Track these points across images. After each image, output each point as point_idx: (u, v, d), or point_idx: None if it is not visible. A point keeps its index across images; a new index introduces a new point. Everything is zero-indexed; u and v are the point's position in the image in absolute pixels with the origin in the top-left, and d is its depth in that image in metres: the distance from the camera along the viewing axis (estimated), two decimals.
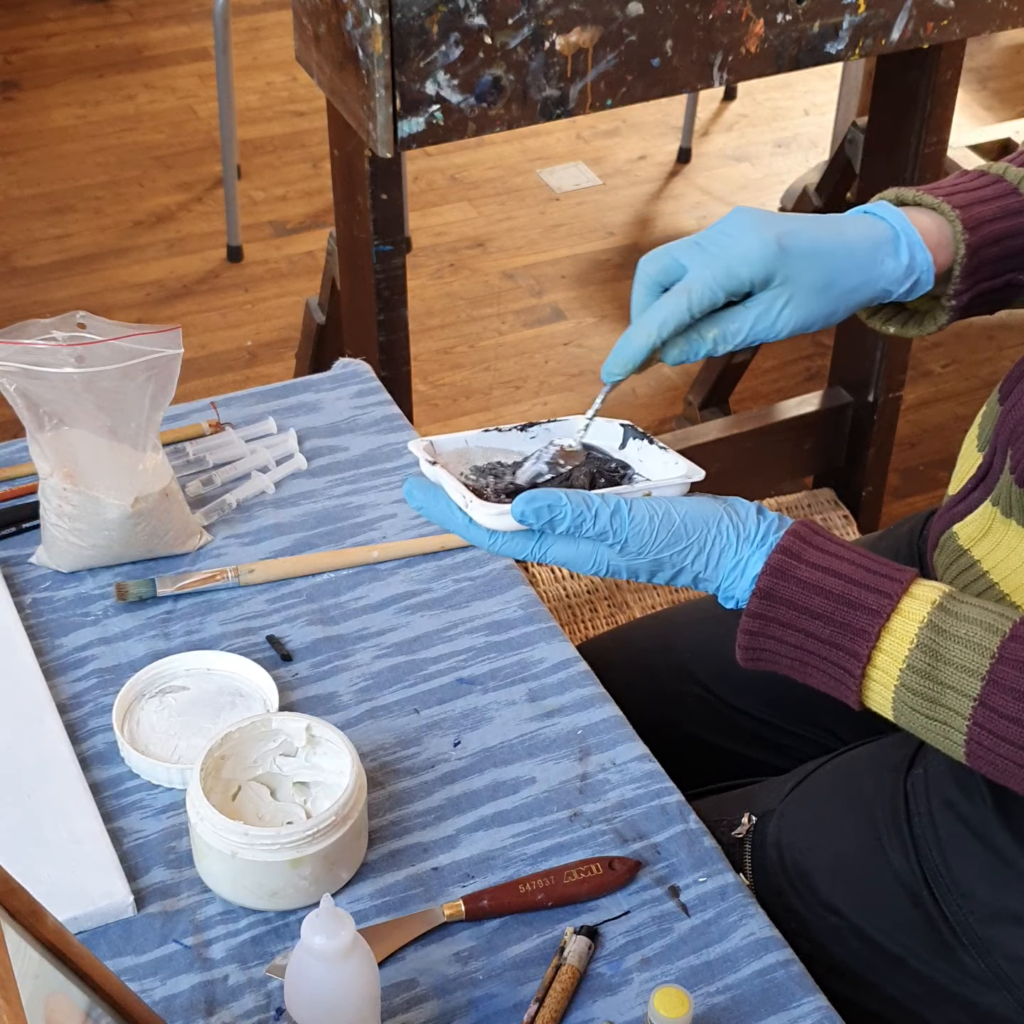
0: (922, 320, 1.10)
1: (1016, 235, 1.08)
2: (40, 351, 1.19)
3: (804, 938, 1.11)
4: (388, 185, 1.72)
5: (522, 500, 0.91)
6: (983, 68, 3.89)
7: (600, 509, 0.92)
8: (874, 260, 1.02)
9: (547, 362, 2.89)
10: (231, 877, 1.04)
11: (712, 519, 0.94)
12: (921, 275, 1.04)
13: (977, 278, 1.07)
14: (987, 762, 0.91)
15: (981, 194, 1.08)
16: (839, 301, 1.01)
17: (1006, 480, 1.04)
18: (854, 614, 0.92)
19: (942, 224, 1.05)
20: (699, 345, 0.99)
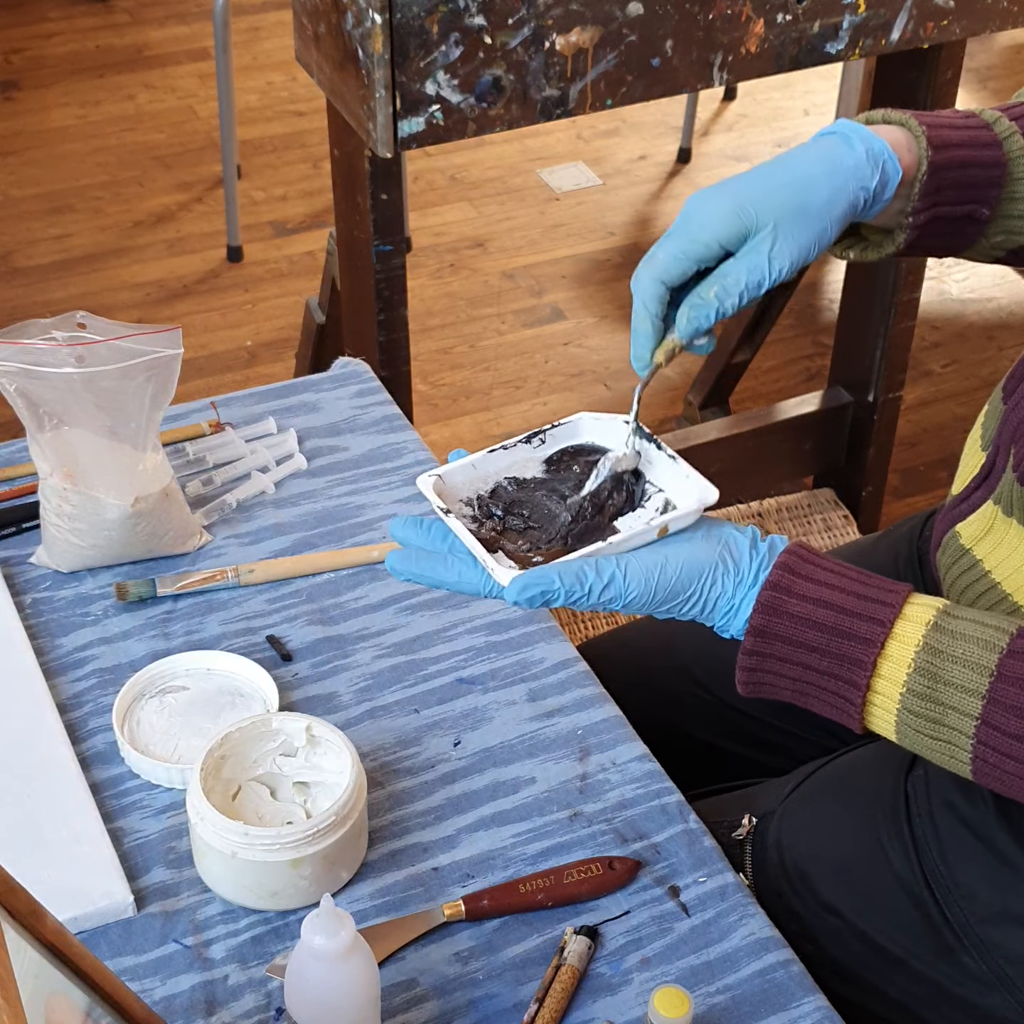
0: (880, 243, 1.09)
1: (982, 166, 1.06)
2: (40, 351, 1.19)
3: (805, 939, 1.10)
4: (388, 185, 1.72)
5: (515, 588, 0.91)
6: (983, 68, 3.89)
7: (594, 585, 0.92)
8: (832, 167, 1.00)
9: (547, 362, 2.89)
10: (231, 877, 1.04)
11: (708, 569, 0.94)
12: (886, 163, 1.01)
13: (937, 199, 1.05)
14: (995, 779, 0.91)
15: (951, 121, 1.07)
16: (820, 220, 0.99)
17: (1008, 479, 1.04)
18: (849, 644, 0.92)
19: (907, 135, 1.04)
20: (704, 307, 0.97)
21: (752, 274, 0.98)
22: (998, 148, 1.07)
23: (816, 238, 0.99)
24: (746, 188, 0.99)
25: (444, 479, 0.98)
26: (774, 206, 0.98)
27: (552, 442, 1.02)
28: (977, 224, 1.08)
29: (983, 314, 3.07)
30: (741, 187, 0.99)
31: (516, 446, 1.01)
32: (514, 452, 1.01)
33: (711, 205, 0.98)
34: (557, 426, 1.02)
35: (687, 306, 0.98)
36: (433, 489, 0.97)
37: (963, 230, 1.08)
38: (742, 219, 0.98)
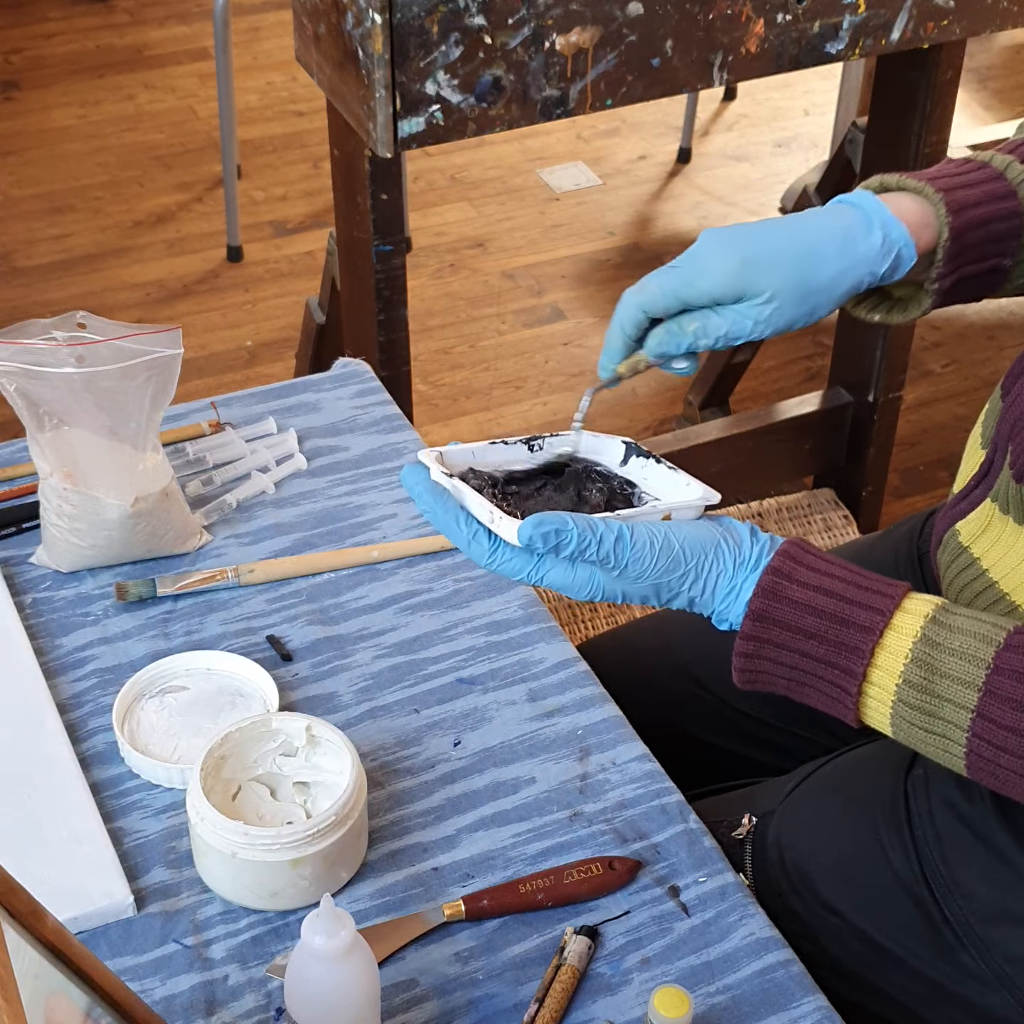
0: (906, 306, 1.10)
1: (1001, 219, 1.07)
2: (40, 351, 1.19)
3: (804, 939, 1.10)
4: (388, 185, 1.72)
5: (529, 524, 0.91)
6: (983, 68, 3.89)
7: (605, 535, 0.92)
8: (844, 247, 1.02)
9: (547, 362, 2.89)
10: (231, 877, 1.04)
11: (710, 545, 0.95)
12: (901, 250, 1.03)
13: (960, 262, 1.06)
14: (988, 773, 0.91)
15: (966, 179, 1.07)
16: (820, 295, 1.01)
17: (1005, 476, 1.04)
18: (847, 632, 0.92)
19: (925, 206, 1.05)
20: (678, 337, 1.01)
21: (735, 328, 1.01)
22: (1013, 198, 1.08)
23: (809, 313, 1.02)
24: (756, 249, 1.00)
25: (444, 457, 0.99)
26: (778, 278, 1.00)
27: (549, 450, 1.03)
28: (1001, 274, 1.09)
29: (983, 314, 3.07)
30: (751, 247, 1.00)
31: (516, 445, 1.02)
32: (513, 450, 1.02)
33: (718, 258, 1.00)
34: (556, 436, 1.04)
35: (663, 329, 1.01)
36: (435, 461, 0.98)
37: (988, 282, 1.10)
38: (743, 281, 1.00)
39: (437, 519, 0.95)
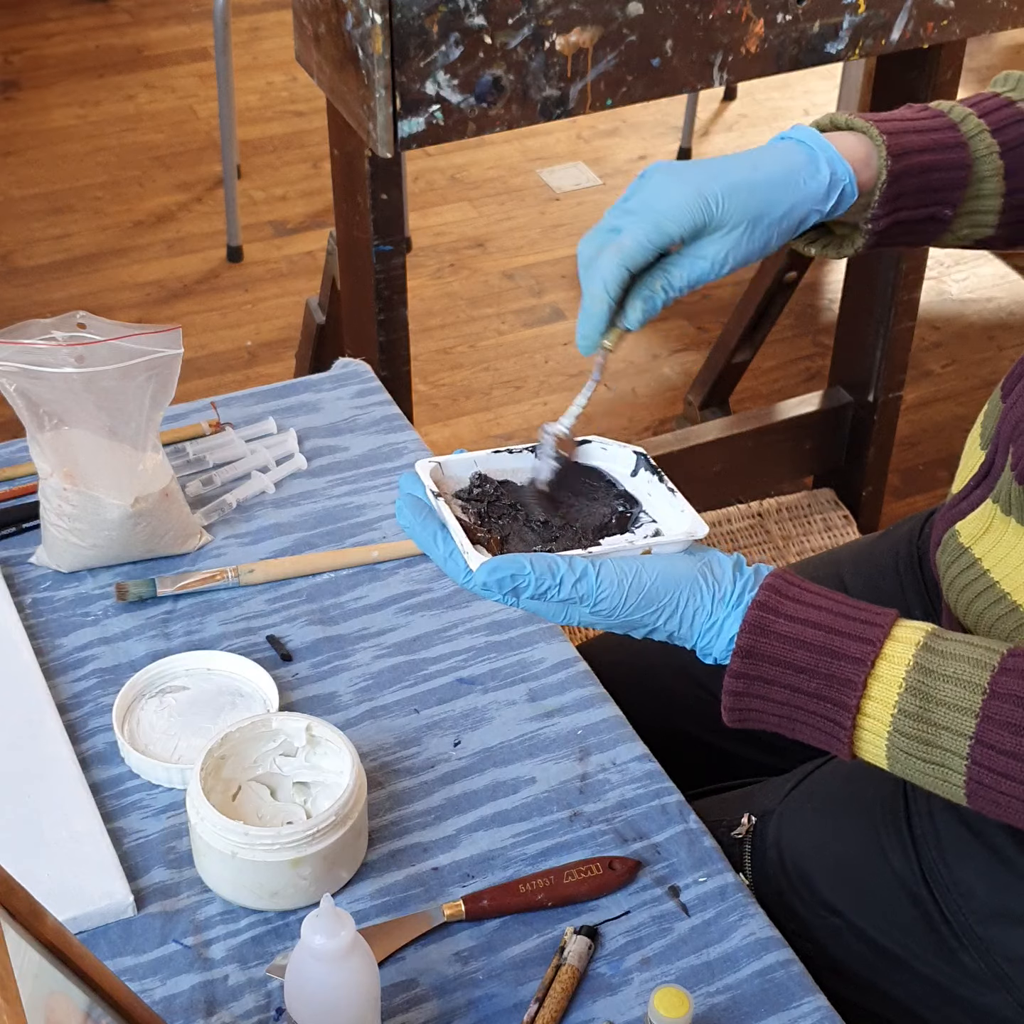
0: (841, 243, 1.10)
1: (945, 169, 1.07)
2: (40, 351, 1.19)
3: (804, 938, 1.10)
4: (388, 185, 1.72)
5: (484, 570, 0.90)
6: (983, 68, 3.89)
7: (565, 576, 0.90)
8: (795, 184, 1.02)
9: (547, 362, 2.89)
10: (231, 877, 1.04)
11: (685, 581, 0.93)
12: (844, 187, 1.03)
13: (897, 205, 1.06)
14: (989, 801, 0.90)
15: (917, 124, 1.08)
16: (769, 231, 1.02)
17: (1007, 477, 1.03)
18: (838, 664, 0.91)
19: (868, 145, 1.05)
20: (653, 299, 1.00)
21: (695, 272, 1.00)
22: (963, 149, 1.08)
23: (762, 246, 1.02)
24: (712, 183, 1.00)
25: (443, 468, 0.98)
26: (735, 210, 1.00)
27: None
28: (940, 223, 1.09)
29: (983, 314, 3.07)
30: (707, 180, 1.00)
31: (521, 453, 1.01)
32: (518, 458, 1.01)
33: (677, 195, 0.99)
34: None
35: (639, 298, 1.00)
36: (430, 475, 0.97)
37: (925, 229, 1.10)
38: (704, 215, 0.99)
39: (415, 535, 0.95)
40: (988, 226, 1.12)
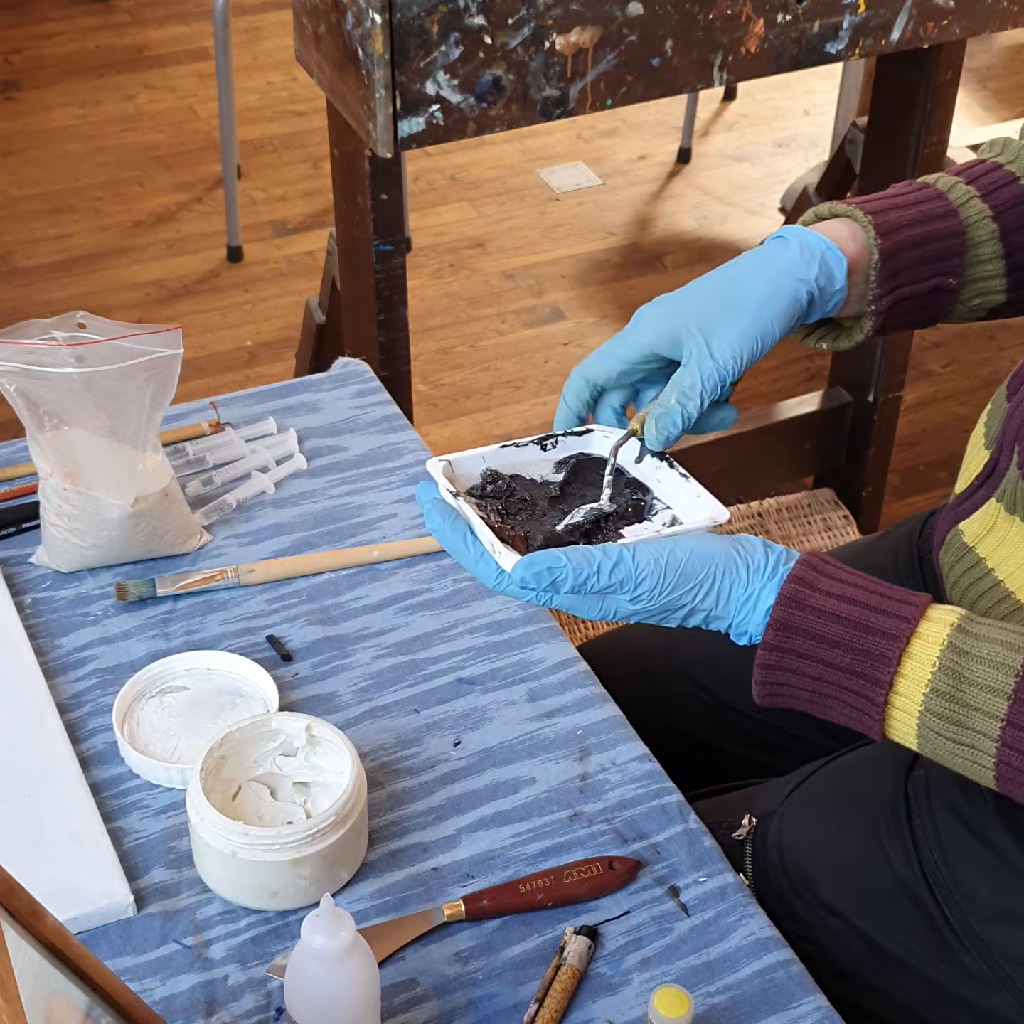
0: (850, 332, 1.11)
1: (939, 239, 1.08)
2: (40, 351, 1.19)
3: (804, 939, 1.10)
4: (388, 185, 1.72)
5: (521, 565, 0.90)
6: (983, 68, 3.89)
7: (603, 564, 0.90)
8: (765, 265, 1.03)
9: (547, 362, 2.90)
10: (231, 877, 1.04)
11: (719, 554, 0.93)
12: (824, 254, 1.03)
13: (897, 283, 1.07)
14: (1019, 783, 0.90)
15: (902, 200, 1.08)
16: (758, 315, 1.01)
17: (1012, 476, 1.03)
18: (873, 640, 0.91)
19: (855, 229, 1.06)
20: (669, 415, 1.00)
21: (703, 374, 1.00)
22: (954, 217, 1.08)
23: (757, 333, 1.02)
24: (678, 296, 1.03)
25: (453, 466, 0.97)
26: (699, 309, 1.02)
27: (563, 448, 1.02)
28: (948, 294, 1.10)
29: None
30: (675, 296, 1.03)
31: (528, 446, 1.01)
32: (525, 451, 1.01)
33: (646, 314, 1.03)
34: (571, 435, 1.03)
35: (652, 418, 1.01)
36: (443, 474, 0.97)
37: (935, 303, 1.11)
38: (669, 322, 1.01)
39: (445, 539, 0.95)
40: (998, 292, 1.12)
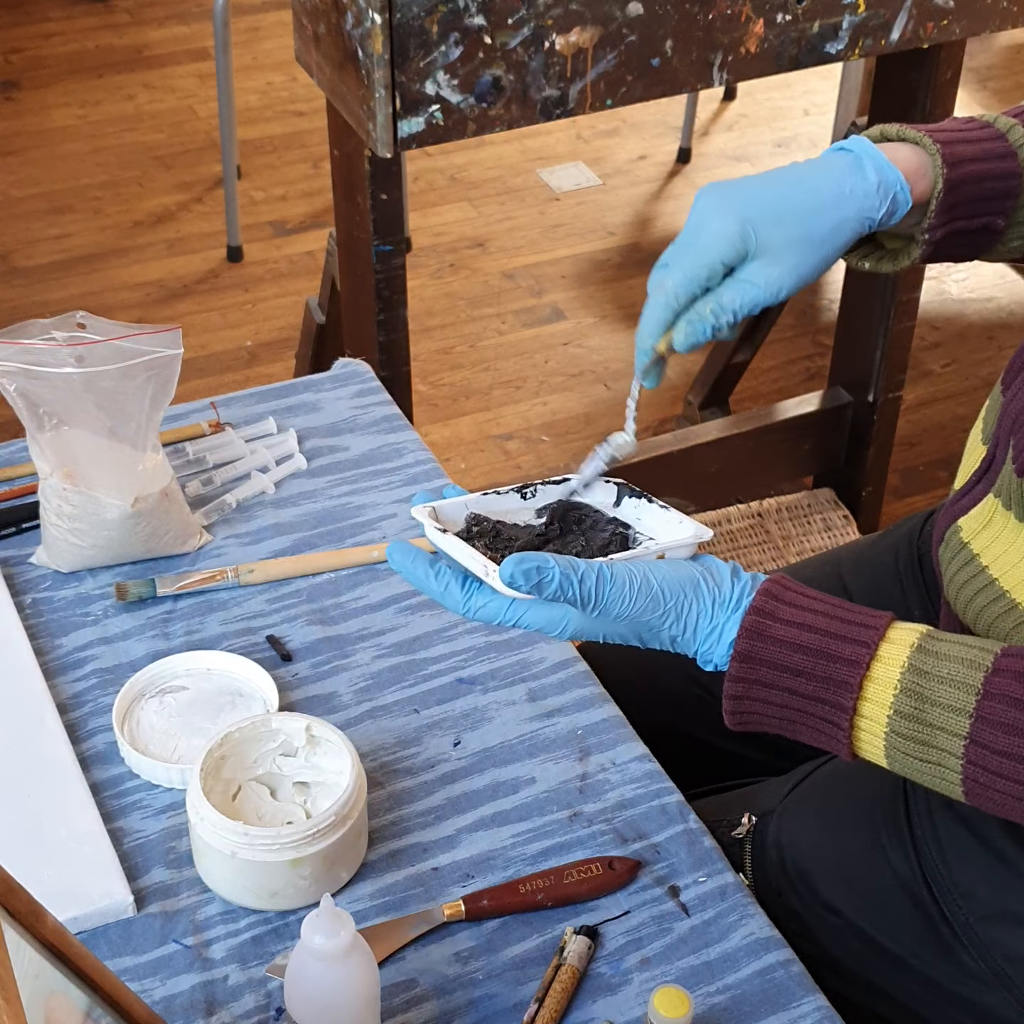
0: (896, 256, 1.10)
1: (997, 178, 1.07)
2: (40, 351, 1.19)
3: (804, 938, 1.10)
4: (388, 185, 1.72)
5: (511, 562, 0.90)
6: (983, 68, 3.89)
7: (586, 573, 0.91)
8: (841, 195, 1.02)
9: (547, 362, 2.89)
10: (231, 877, 1.04)
11: (689, 584, 0.94)
12: (896, 194, 1.03)
13: (953, 215, 1.06)
14: (986, 799, 0.91)
15: (967, 135, 1.08)
16: (824, 247, 1.02)
17: (1007, 471, 1.03)
18: (834, 667, 0.92)
19: (922, 156, 1.05)
20: (701, 323, 1.00)
21: (747, 295, 1.00)
22: (1013, 159, 1.08)
23: (816, 265, 1.02)
24: (753, 207, 1.00)
25: (437, 512, 0.99)
26: (779, 234, 1.00)
27: (543, 496, 1.04)
28: (993, 233, 1.09)
29: (983, 314, 3.07)
30: (749, 205, 1.01)
31: (508, 494, 1.03)
32: (506, 499, 1.03)
33: (717, 224, 1.00)
34: (550, 483, 1.05)
35: (684, 321, 1.01)
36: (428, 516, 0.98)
37: (979, 240, 1.10)
38: (745, 243, 1.00)
39: (409, 576, 0.96)
40: None
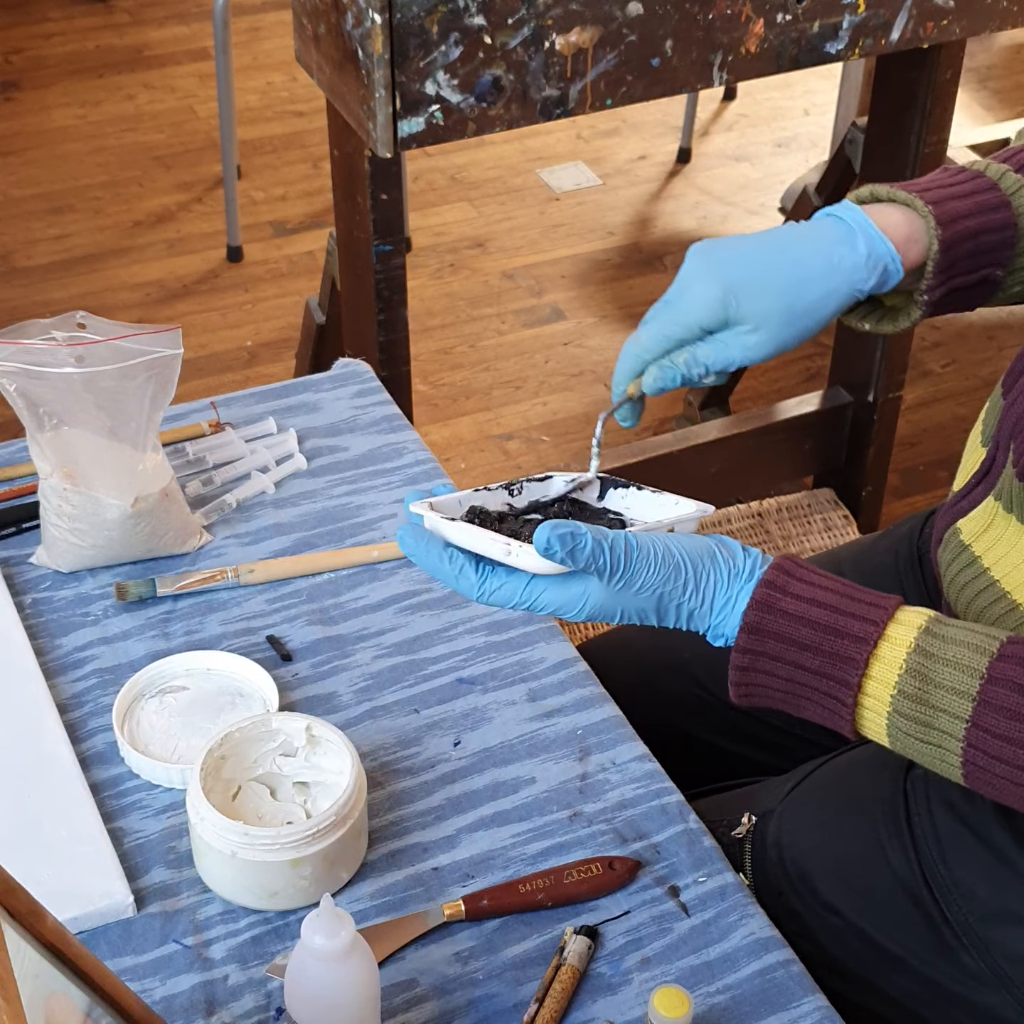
0: (896, 316, 1.11)
1: (992, 231, 1.07)
2: (40, 351, 1.19)
3: (804, 938, 1.11)
4: (388, 185, 1.72)
5: (546, 527, 0.90)
6: (983, 68, 3.89)
7: (615, 540, 0.92)
8: (830, 267, 1.03)
9: (547, 362, 2.89)
10: (231, 877, 1.04)
11: (707, 555, 0.95)
12: (887, 266, 1.04)
13: (951, 274, 1.07)
14: (985, 782, 0.91)
15: (958, 190, 1.08)
16: (805, 318, 1.03)
17: (1008, 474, 1.04)
18: (841, 643, 0.92)
19: (914, 219, 1.06)
20: (671, 371, 1.03)
21: (721, 355, 1.03)
22: (1007, 208, 1.08)
23: (797, 335, 1.04)
24: (737, 275, 1.02)
25: (434, 507, 1.00)
26: (761, 304, 1.02)
27: (528, 494, 1.05)
28: (993, 284, 1.10)
29: (983, 314, 3.07)
30: (733, 272, 1.02)
31: (497, 490, 1.04)
32: (496, 495, 1.03)
33: (700, 288, 1.03)
34: (534, 480, 1.05)
35: (656, 366, 1.04)
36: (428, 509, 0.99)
37: (979, 292, 1.11)
38: (726, 309, 1.02)
39: (422, 560, 0.96)
40: None
